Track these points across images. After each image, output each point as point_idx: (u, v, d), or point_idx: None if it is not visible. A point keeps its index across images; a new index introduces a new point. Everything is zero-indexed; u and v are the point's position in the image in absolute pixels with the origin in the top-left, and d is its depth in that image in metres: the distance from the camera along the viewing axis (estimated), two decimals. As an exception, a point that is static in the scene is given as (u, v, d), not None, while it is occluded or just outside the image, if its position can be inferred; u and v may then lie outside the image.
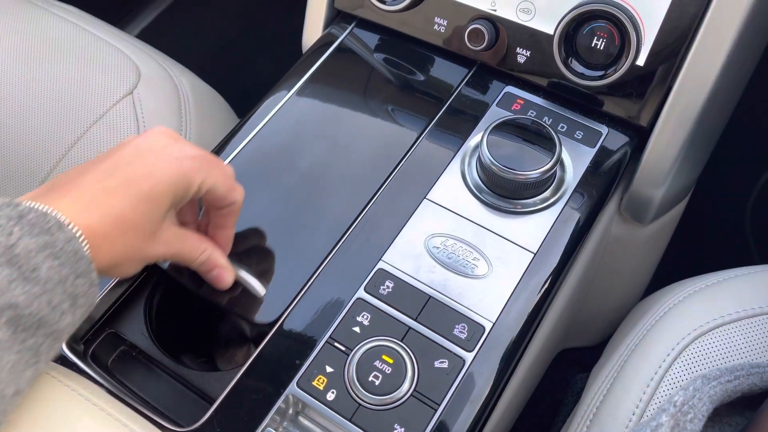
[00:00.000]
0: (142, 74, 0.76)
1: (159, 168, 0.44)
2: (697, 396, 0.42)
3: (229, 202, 0.50)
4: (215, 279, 0.51)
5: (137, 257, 0.45)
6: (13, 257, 0.36)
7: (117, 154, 0.45)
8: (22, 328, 0.36)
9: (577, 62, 0.59)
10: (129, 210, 0.42)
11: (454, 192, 0.57)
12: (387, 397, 0.47)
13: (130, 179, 0.43)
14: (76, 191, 0.42)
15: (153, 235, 0.45)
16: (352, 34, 0.70)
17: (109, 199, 0.42)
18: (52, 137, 0.70)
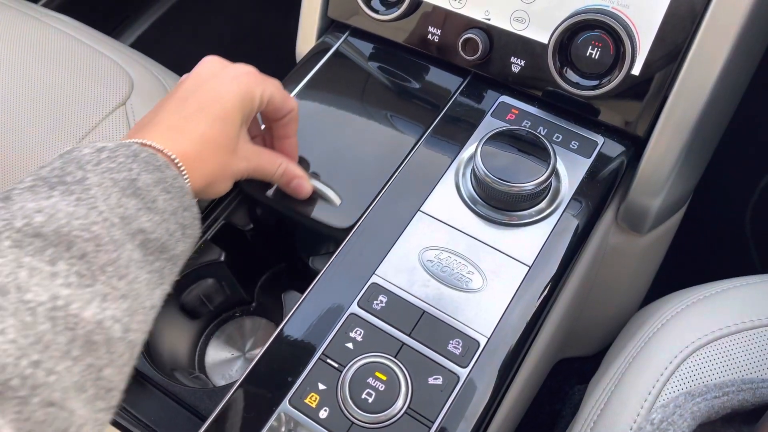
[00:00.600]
0: (135, 85, 0.75)
1: (224, 89, 0.50)
2: (677, 413, 0.42)
3: (287, 110, 0.55)
4: (296, 189, 0.56)
5: (227, 173, 0.50)
6: (137, 189, 0.42)
7: (182, 87, 0.50)
8: (149, 251, 0.41)
9: (572, 72, 0.58)
10: (208, 130, 0.48)
11: (448, 204, 0.56)
12: (380, 415, 0.46)
13: (202, 104, 0.49)
14: (160, 126, 0.47)
15: (234, 152, 0.50)
16: (346, 43, 0.70)
17: (189, 124, 0.48)
18: (44, 148, 0.70)
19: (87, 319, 0.36)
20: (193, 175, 0.47)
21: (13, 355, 0.32)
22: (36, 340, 0.33)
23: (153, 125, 0.47)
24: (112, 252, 0.39)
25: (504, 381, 0.49)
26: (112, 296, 0.38)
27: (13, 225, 0.36)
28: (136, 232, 0.40)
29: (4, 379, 0.31)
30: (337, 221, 0.57)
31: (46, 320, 0.34)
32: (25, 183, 0.40)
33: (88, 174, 0.41)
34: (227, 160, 0.50)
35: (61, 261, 0.36)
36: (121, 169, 0.42)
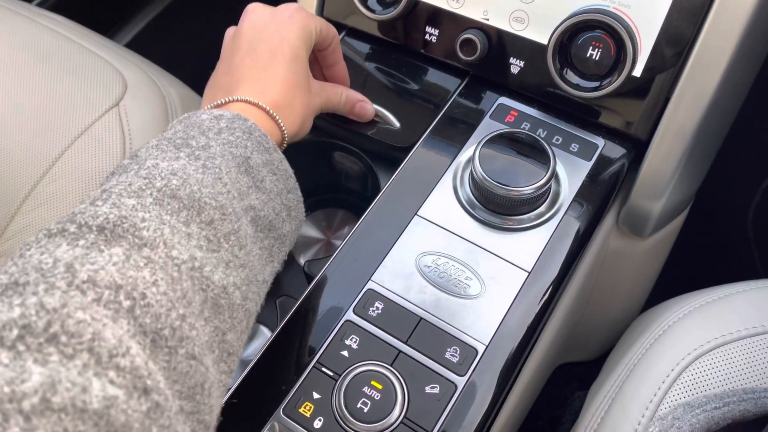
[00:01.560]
0: (129, 85, 0.74)
1: (285, 31, 0.51)
2: (676, 425, 0.41)
3: (332, 36, 0.57)
4: (361, 111, 0.60)
5: (310, 111, 0.53)
6: (249, 168, 0.43)
7: (243, 38, 0.52)
8: (260, 228, 0.43)
9: (572, 73, 0.57)
10: (289, 74, 0.50)
11: (445, 208, 0.55)
12: (376, 425, 0.45)
13: (273, 50, 0.51)
14: (246, 82, 0.49)
15: (309, 89, 0.52)
16: (343, 42, 0.68)
17: (269, 73, 0.50)
18: (36, 150, 0.69)
19: (216, 283, 0.37)
20: (286, 122, 0.50)
21: (165, 306, 0.34)
22: (182, 296, 0.35)
23: (238, 82, 0.50)
24: (234, 222, 0.40)
25: (503, 389, 0.48)
26: (233, 264, 0.39)
27: (154, 184, 0.38)
28: (248, 208, 0.42)
29: (158, 328, 0.33)
30: (399, 141, 0.60)
31: (188, 278, 0.36)
32: (151, 143, 0.43)
33: (211, 142, 0.43)
34: (308, 98, 0.52)
35: (193, 223, 0.38)
36: (238, 144, 0.44)
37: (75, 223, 0.35)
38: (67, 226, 0.35)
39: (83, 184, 0.67)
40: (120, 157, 0.69)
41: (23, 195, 0.67)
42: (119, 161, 0.69)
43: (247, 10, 0.54)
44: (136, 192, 0.38)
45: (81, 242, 0.34)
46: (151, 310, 0.33)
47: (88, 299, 0.31)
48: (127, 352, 0.30)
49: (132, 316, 0.32)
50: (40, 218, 0.66)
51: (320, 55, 0.59)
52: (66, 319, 0.29)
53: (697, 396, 0.47)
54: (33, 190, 0.67)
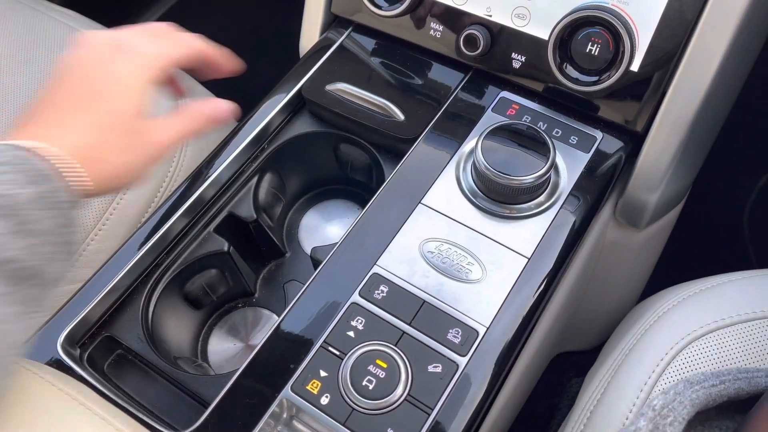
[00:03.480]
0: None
1: (106, 70, 0.43)
2: (678, 399, 0.43)
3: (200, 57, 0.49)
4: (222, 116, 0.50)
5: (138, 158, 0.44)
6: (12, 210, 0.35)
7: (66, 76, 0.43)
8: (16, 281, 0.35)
9: (571, 67, 0.59)
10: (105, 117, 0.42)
11: (449, 197, 0.57)
12: (381, 402, 0.47)
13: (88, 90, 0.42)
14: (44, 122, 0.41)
15: (139, 133, 0.43)
16: (349, 39, 0.70)
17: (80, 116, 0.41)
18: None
19: None
20: (92, 173, 0.41)
21: None
22: None
23: (38, 122, 0.41)
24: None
25: (502, 370, 0.50)
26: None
27: None
28: (2, 262, 0.34)
29: None
30: (404, 133, 0.61)
31: None
32: None
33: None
34: (129, 145, 0.43)
35: None
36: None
37: None
38: None
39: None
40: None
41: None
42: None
43: (86, 35, 0.46)
44: None
45: None
46: None
47: None
48: None
49: None
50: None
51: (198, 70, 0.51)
52: None
53: (696, 373, 0.48)
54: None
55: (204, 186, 0.60)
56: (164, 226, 0.57)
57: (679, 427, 0.42)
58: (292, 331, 0.51)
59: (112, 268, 0.55)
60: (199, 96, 0.82)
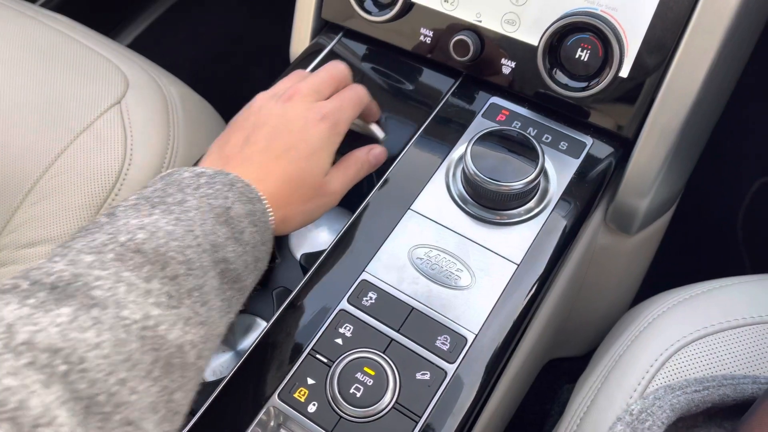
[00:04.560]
0: (131, 83, 0.76)
1: (309, 132, 0.51)
2: (656, 404, 0.43)
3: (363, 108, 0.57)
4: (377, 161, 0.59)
5: (307, 209, 0.52)
6: (229, 219, 0.43)
7: (269, 123, 0.51)
8: (226, 281, 0.42)
9: (561, 73, 0.59)
10: (296, 170, 0.50)
11: (438, 203, 0.57)
12: (368, 409, 0.47)
13: (290, 145, 0.50)
14: (249, 162, 0.49)
15: (319, 187, 0.52)
16: (340, 44, 0.70)
17: (277, 164, 0.49)
18: (39, 146, 0.70)
19: (170, 342, 0.37)
20: (276, 215, 0.48)
21: (104, 371, 0.33)
22: (126, 358, 0.34)
23: (240, 161, 0.49)
24: (200, 278, 0.40)
25: (491, 377, 0.49)
26: (193, 321, 0.38)
27: (117, 239, 0.38)
28: (220, 260, 0.41)
29: (93, 393, 0.32)
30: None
31: (137, 339, 0.35)
32: (129, 201, 0.42)
33: (188, 197, 0.42)
34: (310, 196, 0.51)
35: (155, 279, 0.37)
36: (218, 195, 0.43)
37: (29, 279, 0.35)
38: (20, 283, 0.34)
39: (85, 179, 0.69)
40: (121, 153, 0.71)
41: (26, 189, 0.68)
42: (121, 157, 0.71)
43: (291, 95, 0.53)
44: (96, 248, 0.37)
45: (31, 301, 0.33)
46: (88, 375, 0.32)
47: (21, 362, 0.30)
48: (53, 421, 0.30)
49: (66, 381, 0.31)
50: (42, 212, 0.68)
51: None
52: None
53: (678, 379, 0.48)
54: (36, 184, 0.69)
55: None
56: None
57: (658, 431, 0.42)
58: (280, 338, 0.51)
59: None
60: (193, 103, 0.81)
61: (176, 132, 0.76)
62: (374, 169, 0.58)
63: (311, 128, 0.51)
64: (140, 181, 0.70)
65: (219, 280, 0.41)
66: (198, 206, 0.42)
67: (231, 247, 0.42)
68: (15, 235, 0.68)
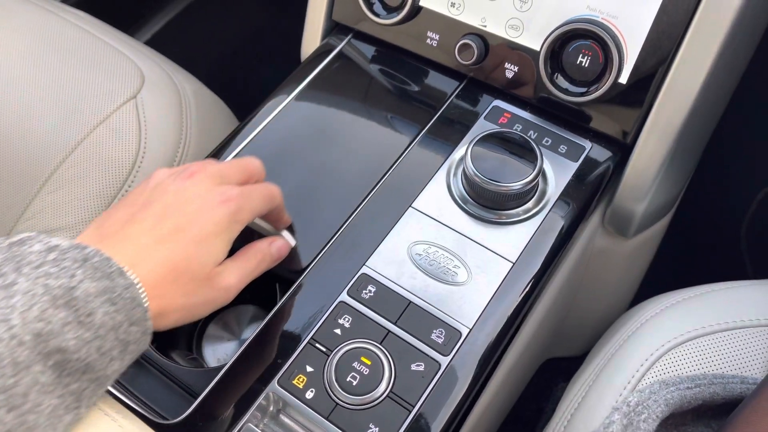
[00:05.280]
0: (146, 79, 0.78)
1: (205, 215, 0.45)
2: (652, 398, 0.44)
3: (272, 210, 0.52)
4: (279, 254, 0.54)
5: (191, 303, 0.45)
6: (72, 299, 0.37)
7: (161, 200, 0.46)
8: (67, 372, 0.37)
9: (562, 78, 0.60)
10: (180, 257, 0.43)
11: (438, 201, 0.58)
12: (364, 397, 0.48)
13: (179, 226, 0.44)
14: (128, 241, 0.43)
15: (208, 279, 0.45)
16: (349, 45, 0.72)
17: (160, 247, 0.43)
18: (56, 139, 0.73)
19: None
20: (150, 302, 0.42)
21: None
22: None
23: (119, 239, 0.43)
24: (8, 377, 0.34)
25: (484, 370, 0.51)
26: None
27: None
28: (53, 351, 0.36)
29: None
30: (291, 264, 0.56)
31: None
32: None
33: (20, 278, 0.36)
34: (194, 288, 0.44)
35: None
36: (61, 274, 0.37)
37: None
38: None
39: (101, 170, 0.71)
40: (136, 146, 0.73)
41: (44, 178, 0.71)
42: (135, 149, 0.73)
43: (193, 171, 0.48)
44: None
45: None
46: None
47: None
48: None
49: None
50: (59, 200, 0.70)
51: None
52: None
53: (672, 376, 0.50)
54: (53, 173, 0.71)
55: None
56: None
57: (653, 424, 0.43)
58: (281, 327, 0.53)
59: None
60: (206, 100, 0.84)
61: (189, 127, 0.78)
62: (275, 264, 0.53)
63: (209, 211, 0.45)
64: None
65: (53, 374, 0.36)
66: (28, 289, 0.36)
67: (72, 333, 0.36)
68: (32, 222, 0.71)
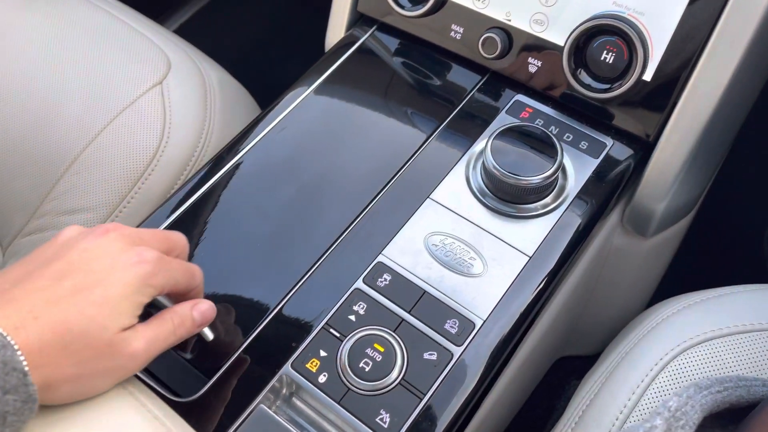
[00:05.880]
0: (173, 66, 0.80)
1: (114, 275, 0.41)
2: (689, 404, 0.43)
3: (190, 290, 0.48)
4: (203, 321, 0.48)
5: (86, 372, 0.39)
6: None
7: (65, 257, 0.41)
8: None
9: (585, 74, 0.60)
10: (75, 320, 0.38)
11: (457, 193, 0.59)
12: (376, 384, 0.49)
13: (80, 286, 0.39)
14: (15, 303, 0.38)
15: (109, 346, 0.39)
16: (373, 37, 0.73)
17: (53, 309, 0.38)
18: (84, 120, 0.74)
19: None
20: (35, 371, 0.36)
21: None
22: None
23: (8, 301, 0.38)
24: None
25: (496, 362, 0.51)
26: None
27: None
28: None
29: None
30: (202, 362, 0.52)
31: None
32: None
33: None
34: (91, 355, 0.39)
35: None
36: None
37: None
38: None
39: (125, 154, 0.73)
40: (160, 132, 0.74)
41: (70, 160, 0.72)
42: (159, 135, 0.74)
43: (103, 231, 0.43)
44: None
45: None
46: None
47: None
48: None
49: None
50: (83, 182, 0.72)
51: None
52: None
53: (702, 378, 0.49)
54: (79, 156, 0.73)
55: (222, 172, 0.62)
56: (180, 209, 0.60)
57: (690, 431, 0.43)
58: (296, 311, 0.53)
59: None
60: (230, 88, 0.84)
61: (212, 115, 0.79)
62: (198, 331, 0.47)
63: (118, 271, 0.41)
64: (175, 158, 0.74)
65: None
66: None
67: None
68: (56, 202, 0.72)
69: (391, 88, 0.68)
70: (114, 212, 0.71)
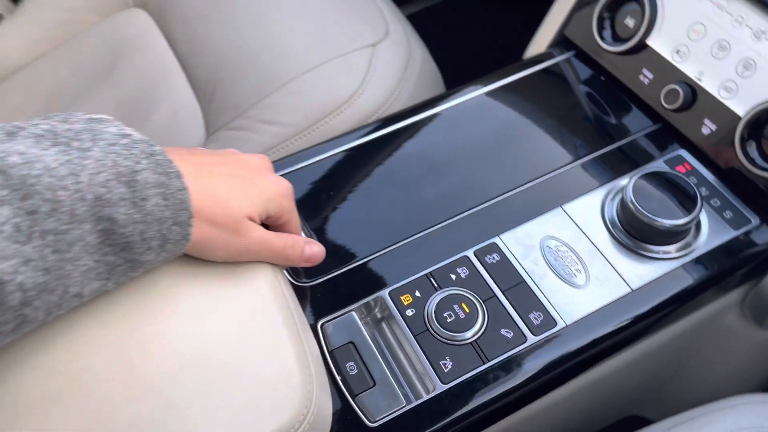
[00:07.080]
0: (389, 35, 0.91)
1: (256, 179, 0.49)
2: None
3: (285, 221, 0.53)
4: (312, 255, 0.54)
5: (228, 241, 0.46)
6: (132, 181, 0.39)
7: (225, 156, 0.50)
8: (109, 243, 0.39)
9: (755, 149, 0.61)
10: (222, 191, 0.45)
11: (587, 213, 0.63)
12: (452, 335, 0.55)
13: (231, 174, 0.47)
14: (191, 162, 0.45)
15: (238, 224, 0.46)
16: (567, 60, 0.78)
17: (209, 178, 0.45)
18: (302, 55, 0.87)
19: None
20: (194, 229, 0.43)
21: None
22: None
23: (188, 159, 0.45)
24: (65, 223, 0.36)
25: (560, 365, 0.55)
26: (33, 264, 0.35)
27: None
28: (104, 218, 0.38)
29: None
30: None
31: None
32: (39, 127, 0.38)
33: (95, 147, 0.38)
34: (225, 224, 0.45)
35: (8, 206, 0.34)
36: (129, 158, 0.39)
37: None
38: None
39: (326, 92, 0.84)
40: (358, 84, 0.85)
41: (284, 81, 0.86)
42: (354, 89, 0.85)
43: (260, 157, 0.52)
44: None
45: None
46: None
47: None
48: None
49: None
50: (287, 102, 0.84)
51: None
52: None
53: None
54: (291, 81, 0.86)
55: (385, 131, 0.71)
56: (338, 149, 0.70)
57: None
58: (409, 254, 0.61)
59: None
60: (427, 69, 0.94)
61: (404, 86, 0.88)
62: (303, 265, 0.53)
63: (261, 178, 0.49)
64: (360, 109, 0.84)
65: (98, 237, 0.38)
66: (100, 158, 0.38)
67: (125, 209, 0.38)
68: (261, 111, 0.86)
69: (562, 108, 0.73)
70: (300, 134, 0.84)
